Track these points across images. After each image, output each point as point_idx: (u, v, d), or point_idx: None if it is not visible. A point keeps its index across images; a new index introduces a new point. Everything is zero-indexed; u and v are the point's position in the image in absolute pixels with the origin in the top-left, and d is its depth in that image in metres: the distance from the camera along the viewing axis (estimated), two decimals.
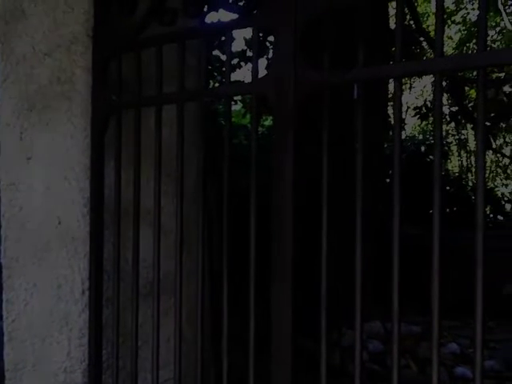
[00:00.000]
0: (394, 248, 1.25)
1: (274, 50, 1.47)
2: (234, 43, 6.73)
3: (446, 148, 10.74)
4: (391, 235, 1.26)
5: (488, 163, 11.61)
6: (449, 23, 11.73)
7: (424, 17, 11.70)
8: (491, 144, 9.57)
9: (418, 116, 9.00)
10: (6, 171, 2.01)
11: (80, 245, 1.83)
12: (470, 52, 10.07)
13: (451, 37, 12.41)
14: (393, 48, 1.40)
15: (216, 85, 6.08)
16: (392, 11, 7.47)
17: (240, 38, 6.75)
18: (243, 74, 7.02)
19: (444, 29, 1.26)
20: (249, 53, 6.43)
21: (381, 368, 3.68)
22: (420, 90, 13.07)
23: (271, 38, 5.50)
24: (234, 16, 1.58)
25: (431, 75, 1.26)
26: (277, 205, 1.40)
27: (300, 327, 1.39)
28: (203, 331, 1.57)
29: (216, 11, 1.62)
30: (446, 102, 9.46)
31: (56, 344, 1.87)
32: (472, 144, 11.66)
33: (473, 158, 11.59)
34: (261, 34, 5.67)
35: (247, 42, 6.45)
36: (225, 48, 1.62)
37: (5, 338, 2.00)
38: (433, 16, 10.84)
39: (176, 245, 1.61)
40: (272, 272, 1.41)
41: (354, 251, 1.31)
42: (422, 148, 8.80)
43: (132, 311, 1.70)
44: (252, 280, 1.45)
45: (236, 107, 7.55)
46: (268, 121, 7.19)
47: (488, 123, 7.86)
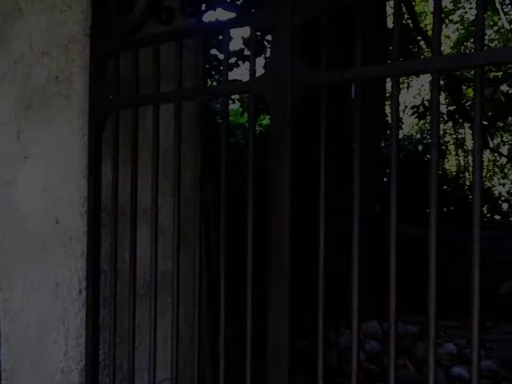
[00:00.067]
0: (391, 248, 1.25)
1: (272, 49, 1.47)
2: (232, 42, 6.73)
3: (444, 147, 10.75)
4: (388, 235, 1.25)
5: (485, 162, 11.61)
6: (446, 22, 11.75)
7: (422, 16, 11.70)
8: (488, 143, 9.59)
9: (416, 115, 9.02)
10: (4, 170, 2.01)
11: (77, 244, 1.83)
12: (468, 51, 10.11)
13: (449, 36, 12.43)
14: (390, 47, 1.40)
15: (214, 84, 6.07)
16: (390, 10, 7.46)
17: (238, 37, 6.76)
18: (241, 73, 7.00)
19: (442, 28, 1.25)
20: (246, 52, 6.43)
21: (378, 368, 3.68)
22: (417, 89, 13.07)
23: (269, 37, 5.49)
24: (232, 15, 1.57)
25: (429, 74, 1.26)
26: (274, 204, 1.40)
27: (297, 327, 1.38)
28: (200, 331, 1.57)
29: (214, 10, 1.61)
30: (444, 101, 9.48)
31: (53, 344, 1.87)
32: (469, 143, 11.68)
33: (470, 157, 11.60)
34: (258, 33, 5.66)
35: (245, 41, 6.45)
36: (222, 47, 1.62)
37: (2, 338, 2.00)
38: (430, 15, 10.84)
39: (173, 244, 1.61)
40: (269, 272, 1.40)
41: (351, 251, 1.31)
42: (420, 147, 8.81)
43: (129, 311, 1.70)
44: (249, 280, 1.45)
45: (233, 106, 7.55)
46: (266, 120, 7.18)
47: (485, 122, 7.87)
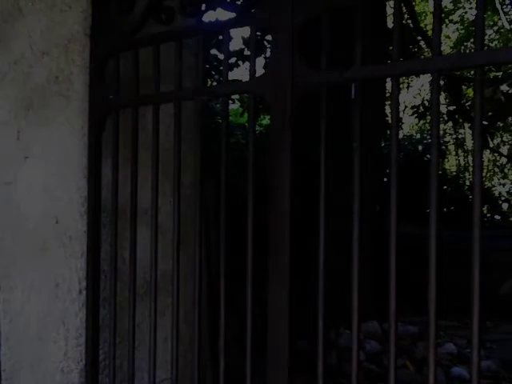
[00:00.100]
0: (391, 248, 1.25)
1: (272, 49, 1.47)
2: (232, 42, 6.73)
3: (444, 147, 10.75)
4: (388, 235, 1.25)
5: (485, 162, 11.61)
6: (446, 22, 11.75)
7: (422, 16, 11.70)
8: (488, 143, 9.59)
9: (416, 115, 9.02)
10: (4, 170, 2.01)
11: (77, 244, 1.83)
12: (468, 51, 10.11)
13: (449, 36, 12.43)
14: (390, 47, 1.40)
15: (214, 84, 6.07)
16: (390, 10, 7.46)
17: (238, 37, 6.76)
18: (241, 73, 7.00)
19: (442, 28, 1.25)
20: (246, 52, 6.43)
21: (378, 368, 3.68)
22: (417, 89, 13.07)
23: (269, 37, 5.49)
24: (232, 15, 1.57)
25: (429, 74, 1.26)
26: (274, 204, 1.40)
27: (297, 327, 1.38)
28: (200, 331, 1.57)
29: (214, 10, 1.61)
30: (444, 101, 9.48)
31: (53, 344, 1.87)
32: (469, 143, 11.68)
33: (470, 157, 11.60)
34: (258, 33, 5.66)
35: (245, 41, 6.45)
36: (222, 47, 1.62)
37: (2, 338, 1.99)
38: (430, 15, 10.84)
39: (173, 244, 1.61)
40: (269, 272, 1.40)
41: (351, 251, 1.31)
42: (420, 147, 8.81)
43: (129, 311, 1.70)
44: (249, 280, 1.45)
45: (233, 106, 7.55)
46: (266, 120, 7.18)
47: (485, 122, 7.87)
